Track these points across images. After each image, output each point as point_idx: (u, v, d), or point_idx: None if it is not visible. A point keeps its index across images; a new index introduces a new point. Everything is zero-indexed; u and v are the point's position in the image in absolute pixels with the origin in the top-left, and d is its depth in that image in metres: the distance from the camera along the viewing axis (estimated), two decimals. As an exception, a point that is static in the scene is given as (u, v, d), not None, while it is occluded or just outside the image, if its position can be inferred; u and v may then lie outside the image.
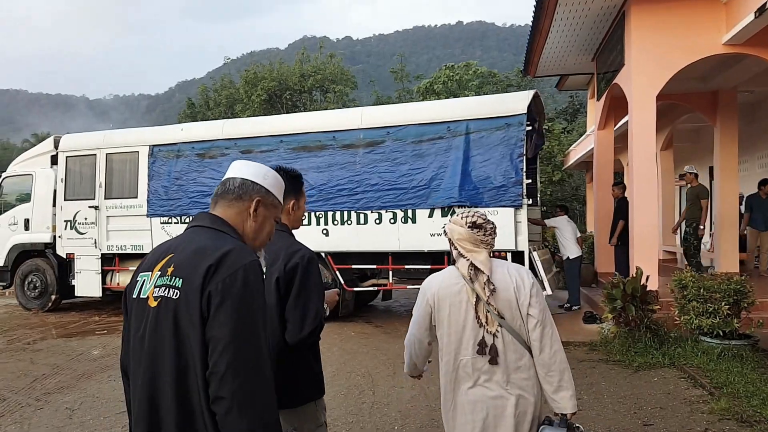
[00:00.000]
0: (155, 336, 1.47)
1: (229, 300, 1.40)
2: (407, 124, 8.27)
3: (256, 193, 1.69)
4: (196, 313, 1.41)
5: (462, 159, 7.93)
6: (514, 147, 7.75)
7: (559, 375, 2.18)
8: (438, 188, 8.01)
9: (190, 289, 1.44)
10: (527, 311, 2.17)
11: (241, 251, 1.51)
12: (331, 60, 32.99)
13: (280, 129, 8.89)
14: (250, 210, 1.68)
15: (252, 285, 1.45)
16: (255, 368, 1.39)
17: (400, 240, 8.23)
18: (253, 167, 1.75)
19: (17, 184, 10.71)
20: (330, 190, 8.49)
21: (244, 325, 1.40)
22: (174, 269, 1.50)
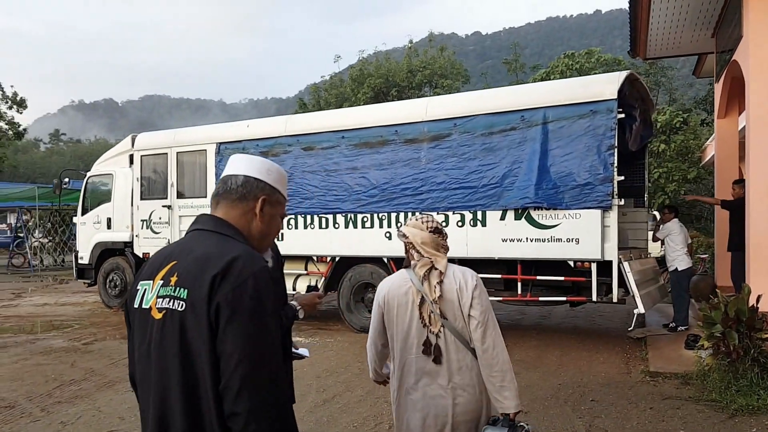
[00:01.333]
0: (161, 351, 1.41)
1: (239, 312, 1.34)
2: (476, 114, 7.40)
3: (261, 191, 1.60)
4: (204, 326, 1.35)
5: (539, 153, 6.94)
6: (602, 138, 6.63)
7: (501, 375, 2.24)
8: (511, 187, 7.08)
9: (196, 300, 1.37)
10: (469, 312, 2.24)
11: (249, 258, 1.43)
12: (442, 54, 32.20)
13: (341, 124, 8.37)
14: (255, 210, 1.58)
15: (262, 294, 1.38)
16: (270, 382, 1.35)
17: (468, 246, 7.40)
18: (255, 162, 1.64)
19: (100, 183, 11.12)
20: (393, 189, 7.84)
21: (257, 338, 1.35)
22: (177, 279, 1.42)
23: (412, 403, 2.35)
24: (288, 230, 8.70)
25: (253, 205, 1.58)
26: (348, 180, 8.17)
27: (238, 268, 1.38)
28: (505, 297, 7.51)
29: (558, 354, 6.86)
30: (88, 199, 11.27)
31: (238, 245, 1.48)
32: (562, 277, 7.01)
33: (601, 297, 6.80)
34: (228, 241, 1.49)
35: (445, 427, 2.28)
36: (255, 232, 1.60)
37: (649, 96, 7.90)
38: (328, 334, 8.20)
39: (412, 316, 2.34)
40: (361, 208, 8.07)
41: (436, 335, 2.27)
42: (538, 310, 9.66)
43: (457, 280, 2.31)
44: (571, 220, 6.79)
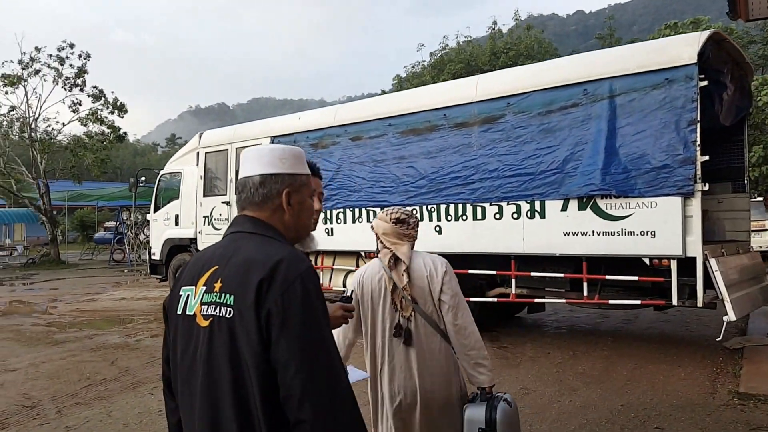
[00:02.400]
0: (211, 362, 1.37)
1: (291, 318, 1.29)
2: (531, 91, 6.54)
3: (283, 185, 1.53)
4: (254, 334, 1.30)
5: (605, 132, 5.97)
6: (680, 111, 5.56)
7: (474, 352, 2.44)
8: (574, 172, 6.17)
9: (243, 307, 1.32)
10: (439, 297, 2.43)
11: (294, 259, 1.37)
12: (528, 32, 30.64)
13: (388, 110, 7.79)
14: (283, 205, 1.52)
15: (312, 295, 1.33)
16: (332, 384, 1.31)
17: (525, 240, 6.56)
18: (266, 155, 1.55)
19: (170, 181, 11.35)
20: (442, 179, 7.16)
21: (313, 342, 1.31)
22: (222, 284, 1.39)
23: (384, 384, 2.50)
24: (337, 224, 8.28)
25: (278, 202, 1.52)
26: (395, 170, 7.59)
27: (283, 271, 1.33)
28: (570, 300, 6.60)
29: (630, 366, 5.88)
30: (159, 196, 11.56)
31: (280, 246, 1.43)
32: (635, 277, 6.00)
33: (683, 301, 5.73)
34: (269, 242, 1.45)
35: (416, 406, 2.40)
36: (290, 224, 1.54)
37: (744, 59, 6.60)
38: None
39: (384, 301, 2.51)
40: (409, 200, 7.45)
41: (407, 319, 2.43)
42: (623, 314, 8.55)
43: (428, 267, 2.47)
44: (645, 209, 5.77)
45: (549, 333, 7.84)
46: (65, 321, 9.61)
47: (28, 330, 8.76)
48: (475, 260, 7.13)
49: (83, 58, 22.49)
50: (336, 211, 8.26)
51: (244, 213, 1.54)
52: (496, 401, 2.23)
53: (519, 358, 6.36)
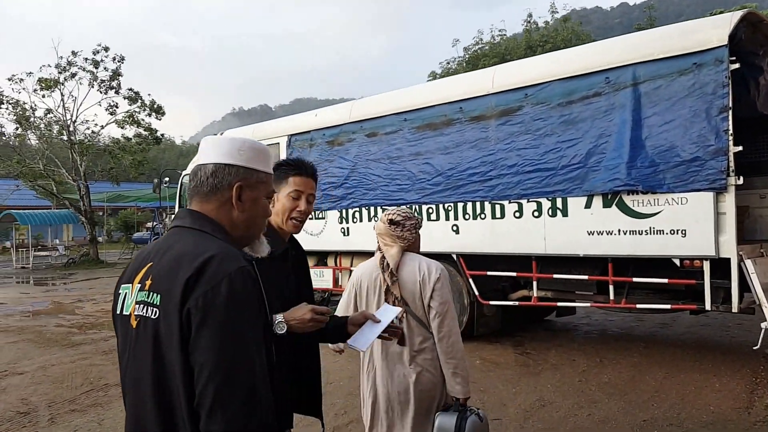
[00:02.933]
0: (135, 362, 1.31)
1: (211, 318, 1.21)
2: (550, 81, 6.15)
3: (235, 177, 1.44)
4: (176, 335, 1.22)
5: (630, 122, 5.56)
6: (711, 98, 5.11)
7: (455, 362, 2.52)
8: (597, 167, 5.77)
9: (169, 307, 1.25)
10: (429, 303, 2.48)
11: (226, 257, 1.29)
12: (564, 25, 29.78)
13: (403, 105, 7.51)
14: (232, 200, 1.43)
15: (239, 297, 1.24)
16: (248, 396, 1.20)
17: (547, 240, 6.20)
18: (224, 144, 1.46)
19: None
20: (459, 176, 6.84)
21: (232, 347, 1.21)
22: (152, 282, 1.32)
23: (377, 380, 2.60)
24: (353, 224, 8.07)
25: (228, 195, 1.43)
26: (411, 167, 7.31)
27: (212, 268, 1.25)
28: (595, 303, 6.21)
29: (660, 376, 5.47)
30: (183, 197, 11.58)
31: (215, 242, 1.35)
32: (665, 279, 5.57)
33: (717, 305, 5.28)
34: (205, 238, 1.36)
35: (408, 403, 2.49)
36: (238, 222, 1.46)
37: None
38: (395, 340, 7.44)
39: (379, 299, 2.58)
40: (426, 199, 7.17)
41: (400, 319, 2.45)
42: (659, 317, 8.06)
43: (421, 272, 2.52)
44: (674, 206, 5.34)
45: (577, 338, 7.44)
46: (88, 322, 9.71)
47: (49, 331, 8.86)
48: (495, 261, 6.81)
49: (117, 61, 22.96)
50: (352, 210, 8.05)
51: (190, 206, 1.47)
52: (468, 413, 2.26)
53: (541, 366, 6.02)
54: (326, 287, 8.75)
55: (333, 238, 8.33)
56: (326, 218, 8.41)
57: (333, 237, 8.33)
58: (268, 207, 1.56)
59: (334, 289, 8.65)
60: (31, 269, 22.50)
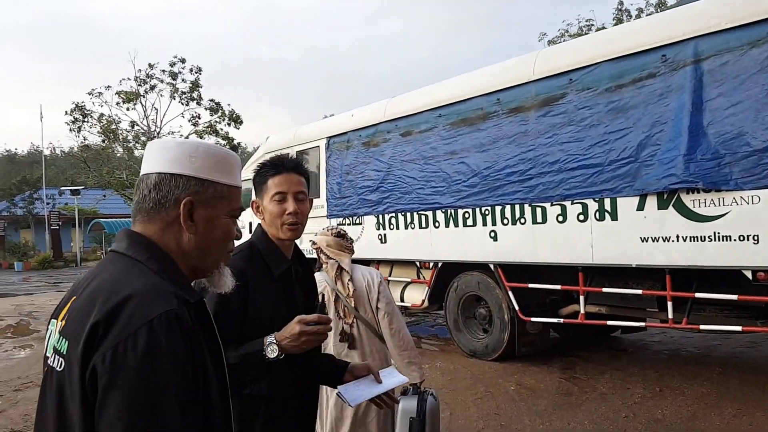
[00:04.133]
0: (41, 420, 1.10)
1: (121, 381, 0.96)
2: (597, 63, 5.37)
3: (184, 191, 1.17)
4: (77, 395, 0.99)
5: (689, 107, 4.70)
6: (791, 73, 4.18)
7: (408, 353, 2.81)
8: (651, 161, 4.94)
9: (74, 358, 1.01)
10: (376, 305, 2.76)
11: (148, 297, 1.03)
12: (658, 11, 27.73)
13: (437, 100, 6.92)
14: (180, 220, 1.17)
15: (161, 353, 0.98)
16: None
17: (594, 248, 5.40)
18: (170, 149, 1.20)
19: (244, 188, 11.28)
20: (496, 175, 6.17)
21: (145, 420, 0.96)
22: (65, 324, 1.08)
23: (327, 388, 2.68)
24: (390, 230, 7.56)
25: (174, 213, 1.18)
26: (446, 167, 6.71)
27: (127, 313, 1.00)
28: (651, 323, 5.34)
29: (729, 413, 4.55)
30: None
31: (143, 276, 1.09)
32: (734, 296, 4.64)
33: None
34: (133, 269, 1.11)
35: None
36: (189, 248, 1.20)
37: None
38: (428, 356, 6.85)
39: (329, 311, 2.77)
40: (461, 202, 6.55)
41: (350, 325, 2.75)
42: (748, 336, 6.92)
43: (365, 278, 2.81)
44: (744, 206, 4.43)
45: (641, 359, 6.51)
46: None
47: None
48: (538, 272, 6.08)
49: (194, 72, 23.82)
50: (388, 215, 7.55)
51: (133, 226, 1.22)
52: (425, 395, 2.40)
53: (586, 395, 5.22)
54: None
55: (370, 246, 7.87)
56: (363, 224, 7.96)
57: (370, 244, 7.86)
58: (231, 228, 1.27)
59: (372, 300, 8.16)
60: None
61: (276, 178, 1.94)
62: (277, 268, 1.88)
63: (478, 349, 6.66)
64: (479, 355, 6.61)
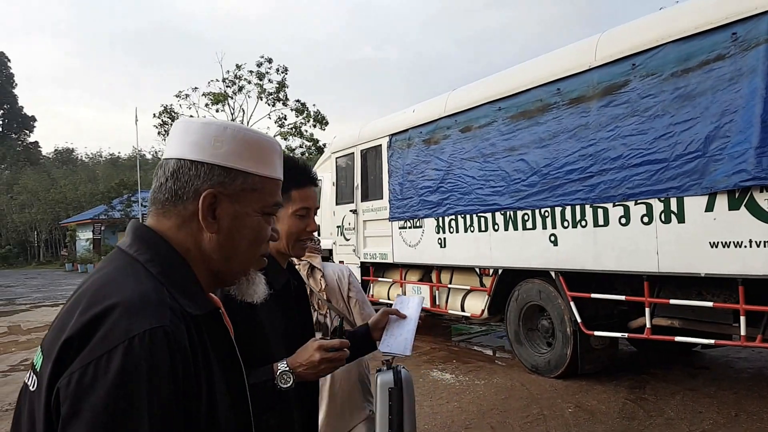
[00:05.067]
0: None
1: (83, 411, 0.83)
2: (662, 44, 5.13)
3: (206, 181, 1.06)
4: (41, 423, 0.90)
5: (762, 92, 4.40)
6: None
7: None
8: (720, 155, 4.67)
9: (44, 376, 0.92)
10: (348, 295, 2.99)
11: (132, 310, 0.91)
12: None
13: (497, 91, 6.87)
14: (199, 215, 1.05)
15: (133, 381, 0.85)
16: None
17: (660, 254, 5.16)
18: (195, 130, 1.08)
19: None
20: (556, 173, 6.05)
21: None
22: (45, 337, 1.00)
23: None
24: (450, 234, 7.59)
25: (193, 207, 1.05)
26: (505, 165, 6.65)
27: (105, 327, 0.88)
28: (720, 341, 5.01)
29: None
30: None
31: (139, 281, 0.97)
32: (819, 311, 4.27)
33: None
34: (129, 272, 0.99)
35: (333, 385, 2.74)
36: (210, 249, 1.07)
37: None
38: (486, 371, 6.80)
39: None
40: (520, 203, 6.46)
41: (324, 315, 2.97)
42: None
43: (336, 274, 3.04)
44: (828, 205, 4.07)
45: (721, 378, 6.10)
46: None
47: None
48: (603, 280, 5.88)
49: (281, 72, 24.93)
50: (448, 218, 7.59)
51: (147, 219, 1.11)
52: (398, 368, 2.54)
53: (651, 420, 4.99)
54: (423, 306, 8.36)
55: (430, 250, 7.94)
56: (423, 227, 8.04)
57: (430, 249, 7.93)
58: (264, 228, 1.15)
59: (434, 310, 8.22)
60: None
61: (301, 191, 1.87)
62: (276, 282, 1.76)
63: (540, 365, 6.53)
64: (541, 371, 6.48)
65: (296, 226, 1.87)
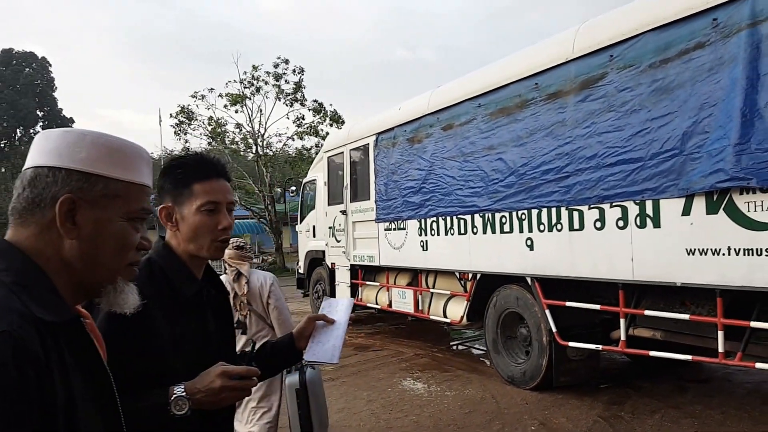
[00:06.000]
0: None
1: None
2: (641, 33, 4.66)
3: (63, 187, 1.04)
4: None
5: (743, 84, 3.92)
6: None
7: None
8: (699, 153, 4.19)
9: None
10: (267, 300, 3.73)
11: None
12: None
13: (476, 88, 6.44)
14: (57, 223, 1.02)
15: None
16: None
17: (635, 260, 4.69)
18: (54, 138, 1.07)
19: (309, 189, 11.31)
20: (532, 173, 5.61)
21: None
22: None
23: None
24: (431, 237, 7.17)
25: (51, 214, 1.02)
26: (484, 165, 6.21)
27: None
28: (696, 357, 4.51)
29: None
30: (304, 206, 11.64)
31: None
32: (799, 328, 3.77)
33: None
34: None
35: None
36: (72, 257, 1.04)
37: None
38: (462, 381, 6.36)
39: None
40: (498, 205, 6.02)
41: (244, 316, 3.70)
42: None
43: (260, 281, 3.77)
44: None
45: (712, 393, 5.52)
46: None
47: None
48: (580, 288, 5.42)
49: (297, 73, 24.69)
50: (430, 219, 7.18)
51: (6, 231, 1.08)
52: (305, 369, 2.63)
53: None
54: (408, 311, 7.94)
55: (413, 253, 7.54)
56: (407, 229, 7.65)
57: (414, 251, 7.53)
58: (130, 234, 1.10)
59: (417, 315, 7.80)
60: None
61: (205, 184, 1.68)
62: (186, 290, 1.64)
63: (515, 376, 6.06)
64: (517, 382, 6.02)
65: (204, 224, 1.65)
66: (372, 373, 6.90)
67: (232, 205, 1.71)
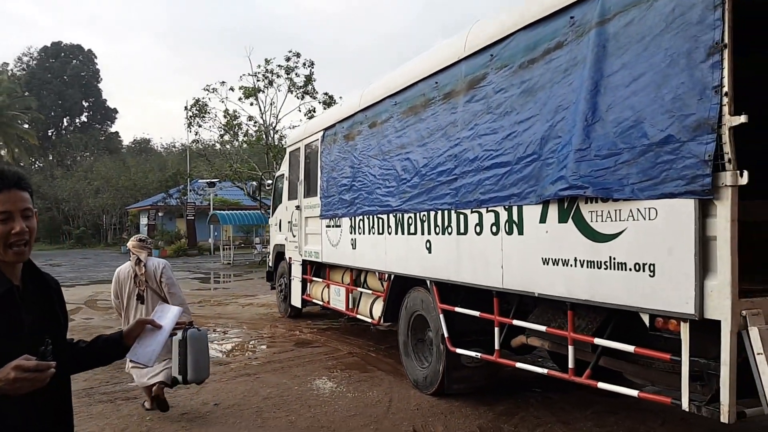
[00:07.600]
0: None
1: None
2: (514, 32, 4.41)
3: None
4: None
5: (588, 85, 3.67)
6: (695, 32, 3.06)
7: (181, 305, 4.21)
8: (552, 158, 3.96)
9: None
10: (161, 279, 5.29)
11: None
12: None
13: (393, 86, 6.25)
14: None
15: None
16: None
17: (505, 268, 4.48)
18: None
19: (279, 183, 11.22)
20: (431, 174, 5.43)
21: None
22: None
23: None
24: (359, 235, 7.04)
25: None
26: (397, 164, 6.04)
27: None
28: (551, 372, 4.27)
29: None
30: (276, 200, 11.58)
31: None
32: (631, 347, 3.51)
33: (698, 403, 3.10)
34: None
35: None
36: None
37: None
38: (373, 383, 6.21)
39: (130, 283, 5.35)
40: (406, 205, 5.86)
41: (143, 291, 5.24)
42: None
43: (154, 265, 5.34)
44: (640, 221, 3.33)
45: (639, 407, 5.25)
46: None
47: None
48: (472, 293, 5.21)
49: (308, 66, 24.65)
50: (357, 218, 7.04)
51: None
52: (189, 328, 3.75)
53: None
54: (341, 309, 7.81)
55: (347, 251, 7.42)
56: (341, 227, 7.53)
57: (347, 249, 7.40)
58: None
59: (348, 313, 7.67)
60: (231, 265, 25.47)
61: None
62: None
63: (419, 380, 5.88)
64: (420, 386, 5.84)
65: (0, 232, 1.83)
66: (293, 370, 6.81)
67: (28, 211, 1.86)
